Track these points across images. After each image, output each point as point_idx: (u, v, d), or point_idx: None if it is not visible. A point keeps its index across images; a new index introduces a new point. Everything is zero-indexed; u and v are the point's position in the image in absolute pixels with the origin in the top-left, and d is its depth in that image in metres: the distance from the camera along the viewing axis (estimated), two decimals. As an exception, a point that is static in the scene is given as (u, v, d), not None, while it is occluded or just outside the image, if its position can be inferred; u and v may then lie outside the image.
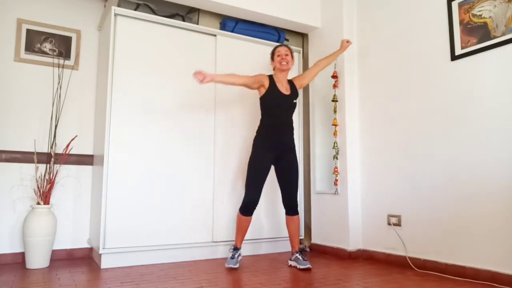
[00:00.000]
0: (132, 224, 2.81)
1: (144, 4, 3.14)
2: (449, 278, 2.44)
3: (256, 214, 3.29)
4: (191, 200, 3.06)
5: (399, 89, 2.98)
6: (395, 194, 2.94)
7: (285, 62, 2.82)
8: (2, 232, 2.86)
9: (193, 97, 3.16)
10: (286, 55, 2.84)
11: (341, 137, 3.28)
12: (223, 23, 3.52)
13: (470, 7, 2.53)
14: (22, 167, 2.95)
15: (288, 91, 2.85)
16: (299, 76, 3.04)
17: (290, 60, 2.85)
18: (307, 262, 2.69)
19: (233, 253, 2.75)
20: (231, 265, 2.66)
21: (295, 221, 2.84)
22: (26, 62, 3.04)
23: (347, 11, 3.39)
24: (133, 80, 2.93)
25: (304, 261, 2.70)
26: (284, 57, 2.83)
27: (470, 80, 2.50)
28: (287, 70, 2.87)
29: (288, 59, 2.84)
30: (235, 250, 2.77)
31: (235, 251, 2.76)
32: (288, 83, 2.91)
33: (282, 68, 2.83)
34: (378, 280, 2.37)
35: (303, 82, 3.00)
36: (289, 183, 2.81)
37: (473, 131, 2.46)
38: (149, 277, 2.43)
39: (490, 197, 2.34)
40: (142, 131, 2.93)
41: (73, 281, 2.30)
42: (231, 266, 2.66)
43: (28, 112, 3.02)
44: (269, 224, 3.36)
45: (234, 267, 2.67)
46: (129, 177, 2.84)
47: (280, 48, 2.88)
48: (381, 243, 3.02)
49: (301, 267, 2.68)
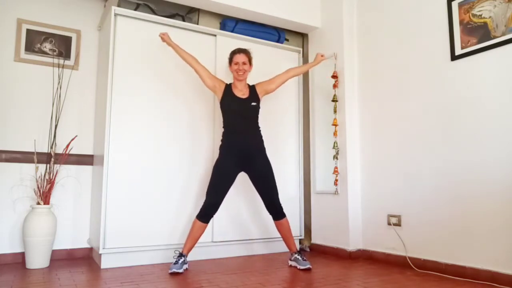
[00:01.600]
0: (132, 224, 2.81)
1: (144, 4, 3.14)
2: (449, 278, 2.44)
3: (256, 214, 3.30)
4: (191, 200, 3.06)
5: (399, 89, 2.98)
6: (395, 194, 2.94)
7: (241, 72, 2.76)
8: (2, 232, 2.86)
9: (193, 97, 3.16)
10: (244, 63, 2.77)
11: (341, 137, 3.28)
12: (223, 23, 3.52)
13: (470, 7, 2.53)
14: (22, 167, 2.95)
15: (245, 94, 2.80)
16: (266, 81, 2.93)
17: (247, 69, 2.79)
18: (307, 262, 2.68)
19: (177, 259, 2.56)
20: (174, 270, 2.47)
21: (284, 224, 2.78)
22: (26, 62, 3.04)
23: (347, 11, 3.39)
24: (133, 80, 2.93)
25: (304, 261, 2.69)
26: (241, 66, 2.76)
27: (470, 80, 2.50)
28: (244, 80, 2.82)
29: (245, 68, 2.77)
30: (180, 256, 2.58)
31: (180, 257, 2.57)
32: (248, 88, 2.85)
33: (238, 78, 2.79)
34: (378, 280, 2.37)
35: (270, 87, 2.91)
36: (265, 189, 2.74)
37: (473, 131, 2.46)
38: (149, 277, 2.43)
39: (490, 197, 2.34)
40: (142, 131, 2.93)
41: (73, 281, 2.30)
42: (174, 271, 2.47)
43: (28, 112, 3.02)
44: (268, 224, 3.36)
45: (178, 271, 2.48)
46: (129, 177, 2.84)
47: (238, 55, 2.78)
48: (381, 243, 3.02)
49: (301, 267, 2.67)
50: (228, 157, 2.72)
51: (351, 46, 3.37)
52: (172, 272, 2.49)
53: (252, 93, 2.84)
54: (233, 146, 2.74)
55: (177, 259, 2.57)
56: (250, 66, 2.85)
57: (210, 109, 3.22)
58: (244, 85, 2.84)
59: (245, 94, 2.81)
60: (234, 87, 2.82)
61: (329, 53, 3.45)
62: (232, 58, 2.82)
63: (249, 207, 3.28)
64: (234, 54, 2.82)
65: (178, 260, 2.56)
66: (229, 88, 2.81)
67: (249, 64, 2.83)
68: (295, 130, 3.64)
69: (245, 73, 2.79)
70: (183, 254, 2.63)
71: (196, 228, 2.65)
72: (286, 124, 3.59)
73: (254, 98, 2.83)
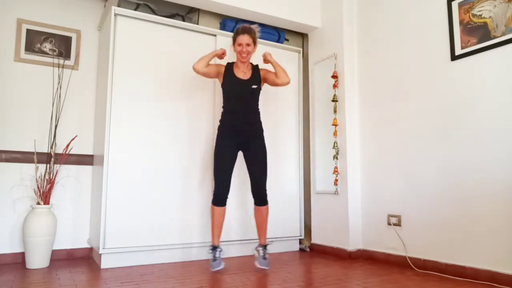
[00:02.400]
0: (132, 224, 2.81)
1: (144, 4, 3.14)
2: (449, 278, 2.44)
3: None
4: (191, 200, 3.06)
5: (399, 89, 2.98)
6: (395, 194, 2.94)
7: (245, 54, 2.67)
8: (2, 232, 2.86)
9: (193, 97, 3.16)
10: (248, 45, 2.66)
11: (341, 137, 3.28)
12: (223, 23, 3.52)
13: (470, 7, 2.53)
14: (22, 167, 2.95)
15: (247, 76, 2.73)
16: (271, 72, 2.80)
17: (251, 50, 2.69)
18: (266, 262, 2.63)
19: (213, 253, 2.59)
20: (216, 268, 2.54)
21: (263, 212, 2.73)
22: (26, 62, 3.04)
23: (347, 11, 3.39)
24: (133, 80, 2.93)
25: (264, 260, 2.64)
26: (245, 48, 2.65)
27: (470, 80, 2.50)
28: (247, 62, 2.75)
29: (249, 49, 2.67)
30: (214, 249, 2.61)
31: (214, 250, 2.60)
32: (251, 68, 2.78)
33: (242, 60, 2.71)
34: (378, 280, 2.37)
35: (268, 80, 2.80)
36: (255, 172, 2.71)
37: (473, 131, 2.46)
38: (149, 277, 2.43)
39: (490, 197, 2.34)
40: (142, 131, 2.93)
41: (73, 281, 2.30)
42: (217, 269, 2.54)
43: (28, 112, 3.02)
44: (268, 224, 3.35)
45: (219, 268, 2.54)
46: (129, 177, 2.84)
47: (242, 36, 2.66)
48: (381, 243, 3.02)
49: (258, 266, 2.62)
50: (225, 139, 2.70)
51: (351, 46, 3.37)
52: (215, 271, 2.55)
53: (254, 74, 2.77)
54: (231, 127, 2.71)
55: (213, 255, 2.59)
56: (255, 46, 2.74)
57: (210, 109, 3.22)
58: (246, 66, 2.77)
59: (246, 74, 2.75)
60: (236, 67, 2.76)
61: (329, 53, 3.45)
62: (236, 38, 2.70)
63: (249, 207, 3.28)
64: (237, 34, 2.69)
65: (215, 255, 2.59)
66: (230, 68, 2.75)
67: (254, 45, 2.72)
68: (295, 130, 3.64)
69: (248, 55, 2.70)
70: (215, 246, 2.63)
71: (217, 215, 2.66)
72: (286, 124, 3.59)
73: (256, 80, 2.76)
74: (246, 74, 2.76)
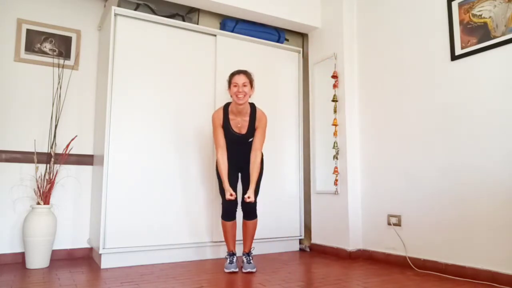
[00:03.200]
0: (132, 224, 2.81)
1: (144, 4, 3.14)
2: (449, 278, 2.44)
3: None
4: (191, 200, 3.06)
5: (399, 89, 2.98)
6: (395, 194, 2.94)
7: (241, 95, 2.53)
8: (2, 232, 2.86)
9: (193, 97, 3.16)
10: (244, 85, 2.54)
11: (341, 137, 3.28)
12: (223, 23, 3.52)
13: (470, 7, 2.53)
14: (22, 167, 2.95)
15: (244, 129, 2.63)
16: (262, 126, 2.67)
17: (248, 91, 2.56)
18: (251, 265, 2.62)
19: (230, 258, 2.65)
20: (231, 270, 2.58)
21: (249, 226, 2.70)
22: (26, 62, 3.04)
23: (347, 11, 3.39)
24: (133, 80, 2.93)
25: (248, 264, 2.64)
26: (241, 89, 2.53)
27: (470, 80, 2.50)
28: (244, 104, 2.58)
29: (245, 91, 2.54)
30: (231, 256, 2.67)
31: (232, 256, 2.67)
32: (250, 114, 2.64)
33: (238, 102, 2.54)
34: (378, 280, 2.37)
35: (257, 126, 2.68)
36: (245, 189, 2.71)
37: (473, 131, 2.46)
38: (149, 277, 2.43)
39: (490, 197, 2.34)
40: (142, 131, 2.93)
41: (73, 281, 2.30)
42: (232, 270, 2.57)
43: (28, 112, 3.02)
44: (268, 224, 3.36)
45: (233, 270, 2.58)
46: (129, 177, 2.84)
47: (237, 76, 2.57)
48: (381, 243, 3.02)
49: (244, 271, 2.60)
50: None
51: (351, 46, 3.37)
52: (229, 272, 2.58)
53: (252, 125, 2.64)
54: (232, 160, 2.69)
55: (230, 259, 2.65)
56: (252, 89, 2.61)
57: (210, 109, 3.22)
58: (243, 111, 2.62)
59: (243, 127, 2.63)
60: (232, 115, 2.63)
61: (329, 53, 3.45)
62: (231, 80, 2.60)
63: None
64: (233, 75, 2.60)
65: (232, 260, 2.64)
66: (226, 115, 2.63)
67: (250, 87, 2.59)
68: (295, 130, 3.64)
69: (245, 96, 2.54)
70: (232, 252, 2.69)
71: (228, 228, 2.69)
72: (286, 124, 3.59)
73: (251, 134, 2.65)
74: (243, 126, 2.63)
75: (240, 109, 2.60)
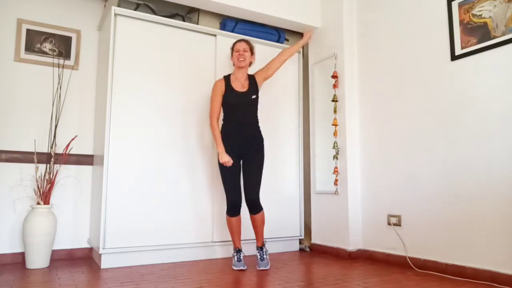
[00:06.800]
0: (132, 224, 2.81)
1: (144, 4, 3.14)
2: (449, 278, 2.44)
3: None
4: (191, 200, 3.06)
5: (399, 89, 2.98)
6: (395, 194, 2.94)
7: (242, 58, 2.78)
8: (2, 232, 2.86)
9: (193, 97, 3.16)
10: (245, 51, 2.80)
11: (341, 137, 3.28)
12: (223, 23, 3.52)
13: (470, 7, 2.53)
14: (22, 167, 2.95)
15: (245, 87, 2.81)
16: (263, 68, 3.02)
17: (248, 56, 2.81)
18: (264, 263, 2.68)
19: (238, 255, 2.72)
20: (239, 268, 2.65)
21: (257, 219, 2.76)
22: (26, 62, 3.04)
23: (347, 11, 3.39)
24: (133, 80, 2.93)
25: (261, 261, 2.70)
26: (242, 53, 2.79)
27: (470, 80, 2.50)
28: (245, 67, 2.82)
29: (246, 55, 2.79)
30: (238, 252, 2.74)
31: (238, 253, 2.73)
32: (248, 78, 2.87)
33: (239, 64, 2.79)
34: (378, 280, 2.37)
35: (267, 74, 3.00)
36: (249, 181, 2.75)
37: (473, 131, 2.46)
38: (149, 277, 2.43)
39: (490, 197, 2.34)
40: (142, 131, 2.93)
41: (73, 281, 2.30)
42: (241, 268, 2.65)
43: (28, 112, 3.02)
44: (268, 224, 3.35)
45: (241, 268, 2.65)
46: (129, 177, 2.84)
47: (238, 43, 2.83)
48: (381, 243, 3.02)
49: (258, 268, 2.68)
50: (228, 151, 2.73)
51: (351, 46, 3.37)
52: (238, 269, 2.65)
53: (252, 85, 2.85)
54: (232, 139, 2.76)
55: (238, 257, 2.71)
56: (252, 55, 2.86)
57: (210, 109, 3.22)
58: (244, 75, 2.84)
59: (244, 86, 2.82)
60: (234, 78, 2.82)
61: (329, 53, 3.45)
62: (234, 47, 2.85)
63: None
64: (235, 43, 2.86)
65: (239, 257, 2.70)
66: (228, 81, 2.81)
67: (251, 54, 2.84)
68: (295, 130, 3.64)
69: (245, 60, 2.79)
70: (238, 249, 2.75)
71: (233, 224, 2.76)
72: (286, 124, 3.59)
73: (254, 90, 2.84)
74: (244, 85, 2.83)
75: (240, 75, 2.83)
